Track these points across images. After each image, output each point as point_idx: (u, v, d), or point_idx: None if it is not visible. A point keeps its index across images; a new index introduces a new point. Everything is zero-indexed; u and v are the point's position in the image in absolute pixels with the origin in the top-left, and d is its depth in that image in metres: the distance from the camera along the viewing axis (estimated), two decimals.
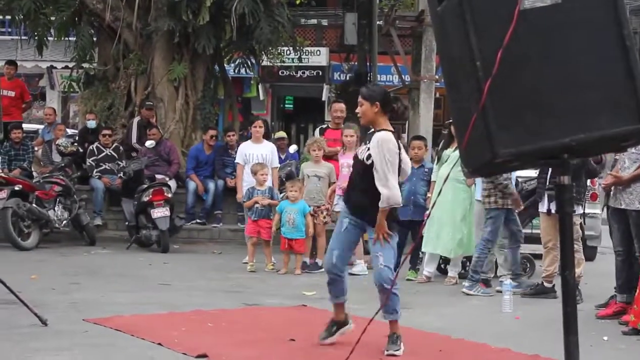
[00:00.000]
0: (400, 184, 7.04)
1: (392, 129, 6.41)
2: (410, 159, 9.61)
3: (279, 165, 12.14)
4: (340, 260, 6.52)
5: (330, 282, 6.56)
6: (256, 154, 11.70)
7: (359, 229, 6.57)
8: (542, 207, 9.25)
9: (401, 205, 6.41)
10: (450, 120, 10.10)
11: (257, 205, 10.88)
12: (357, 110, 6.45)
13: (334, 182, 10.92)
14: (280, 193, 11.53)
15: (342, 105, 12.09)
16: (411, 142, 11.03)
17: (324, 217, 11.01)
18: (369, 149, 6.31)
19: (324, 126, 12.17)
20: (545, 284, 9.31)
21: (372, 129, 6.45)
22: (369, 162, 6.27)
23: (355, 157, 6.51)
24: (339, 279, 6.52)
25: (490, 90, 3.21)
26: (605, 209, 8.62)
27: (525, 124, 3.28)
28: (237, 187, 12.04)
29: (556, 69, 3.33)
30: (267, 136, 12.84)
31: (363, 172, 6.34)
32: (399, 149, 6.34)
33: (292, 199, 10.60)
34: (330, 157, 11.25)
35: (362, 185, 6.38)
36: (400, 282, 8.90)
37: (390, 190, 6.17)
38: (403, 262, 6.33)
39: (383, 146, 6.21)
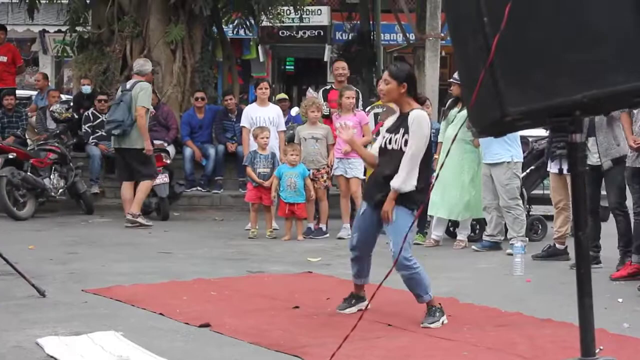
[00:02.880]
0: None
1: (419, 106, 6.21)
2: None
3: (285, 129, 11.88)
4: (362, 244, 6.30)
5: (353, 260, 6.40)
6: (262, 117, 11.38)
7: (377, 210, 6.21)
8: (553, 167, 9.06)
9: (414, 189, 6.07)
10: (451, 79, 9.90)
11: (259, 170, 10.69)
12: (380, 88, 6.23)
13: (332, 144, 10.72)
14: None
15: (344, 63, 11.89)
16: None
17: (325, 181, 10.84)
18: (404, 134, 6.02)
19: (328, 87, 11.95)
20: (557, 246, 9.16)
21: (400, 113, 6.17)
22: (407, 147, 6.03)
23: (383, 149, 6.17)
24: (362, 259, 6.36)
25: (498, 47, 3.10)
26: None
27: (535, 80, 3.21)
28: (243, 151, 11.81)
29: (566, 24, 3.23)
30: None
31: (397, 160, 6.03)
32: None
33: (292, 163, 10.42)
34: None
35: (391, 173, 6.06)
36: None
37: (407, 176, 5.96)
38: (411, 226, 6.13)
39: (421, 126, 5.98)
